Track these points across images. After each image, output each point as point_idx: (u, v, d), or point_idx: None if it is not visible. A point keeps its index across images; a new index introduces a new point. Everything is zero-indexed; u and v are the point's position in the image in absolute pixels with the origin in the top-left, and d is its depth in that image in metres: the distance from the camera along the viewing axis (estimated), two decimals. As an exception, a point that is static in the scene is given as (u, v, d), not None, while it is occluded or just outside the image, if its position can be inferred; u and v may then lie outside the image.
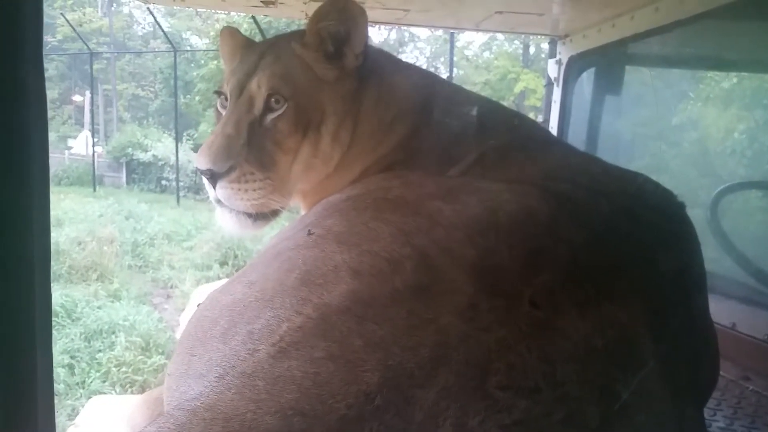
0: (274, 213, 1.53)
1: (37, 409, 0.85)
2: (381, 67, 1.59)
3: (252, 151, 1.44)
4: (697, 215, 2.63)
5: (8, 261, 0.84)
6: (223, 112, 1.53)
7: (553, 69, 3.17)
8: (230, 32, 1.71)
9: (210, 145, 1.42)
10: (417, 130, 1.53)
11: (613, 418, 0.85)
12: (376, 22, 2.90)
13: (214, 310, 1.04)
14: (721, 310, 2.16)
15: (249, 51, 1.60)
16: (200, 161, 1.42)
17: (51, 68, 35.40)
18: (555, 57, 3.16)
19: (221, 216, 1.52)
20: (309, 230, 1.09)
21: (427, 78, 1.71)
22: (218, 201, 1.48)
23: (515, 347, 0.83)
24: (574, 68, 3.06)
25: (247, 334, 0.91)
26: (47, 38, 33.05)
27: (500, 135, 1.50)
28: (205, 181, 1.47)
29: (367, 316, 0.85)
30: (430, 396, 0.78)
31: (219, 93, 1.59)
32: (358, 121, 1.53)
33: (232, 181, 1.43)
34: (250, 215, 1.50)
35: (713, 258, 2.48)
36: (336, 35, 1.49)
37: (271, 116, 1.46)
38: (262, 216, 1.51)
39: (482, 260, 0.93)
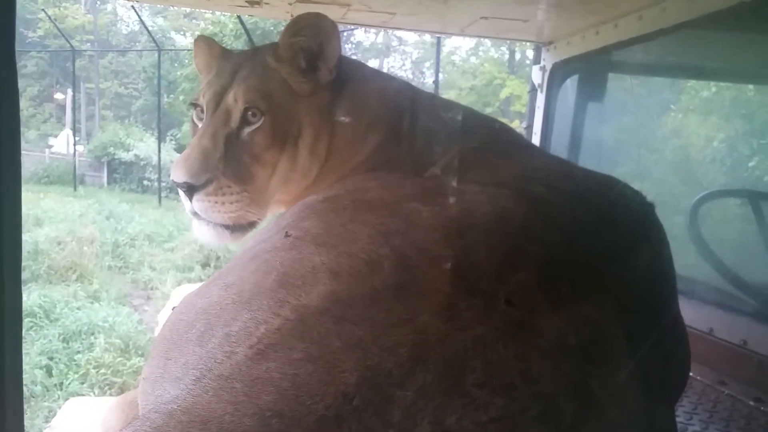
0: (252, 224, 1.52)
1: (5, 408, 0.83)
2: (355, 78, 1.58)
3: (229, 163, 1.42)
4: (677, 222, 2.68)
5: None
6: (200, 124, 1.52)
7: (537, 75, 3.19)
8: (206, 42, 1.68)
9: (186, 158, 1.40)
10: (390, 137, 1.53)
11: (586, 414, 0.86)
12: (362, 25, 2.90)
13: (190, 314, 1.03)
14: (698, 316, 2.19)
15: (225, 62, 1.58)
16: (177, 174, 1.40)
17: (31, 65, 34.91)
18: (539, 63, 3.18)
19: (198, 228, 1.50)
20: (286, 232, 1.08)
21: (401, 86, 1.71)
22: (195, 213, 1.46)
23: (492, 345, 0.84)
24: (557, 75, 3.09)
25: (224, 337, 0.90)
26: (27, 33, 32.61)
27: (474, 139, 1.51)
28: (181, 193, 1.46)
29: (346, 316, 0.85)
30: (408, 395, 0.78)
31: (195, 105, 1.57)
32: (334, 133, 1.52)
33: (209, 194, 1.42)
34: (227, 227, 1.49)
35: (692, 264, 2.51)
36: (308, 50, 1.48)
37: (248, 129, 1.45)
38: (239, 227, 1.50)
39: (459, 260, 0.93)
